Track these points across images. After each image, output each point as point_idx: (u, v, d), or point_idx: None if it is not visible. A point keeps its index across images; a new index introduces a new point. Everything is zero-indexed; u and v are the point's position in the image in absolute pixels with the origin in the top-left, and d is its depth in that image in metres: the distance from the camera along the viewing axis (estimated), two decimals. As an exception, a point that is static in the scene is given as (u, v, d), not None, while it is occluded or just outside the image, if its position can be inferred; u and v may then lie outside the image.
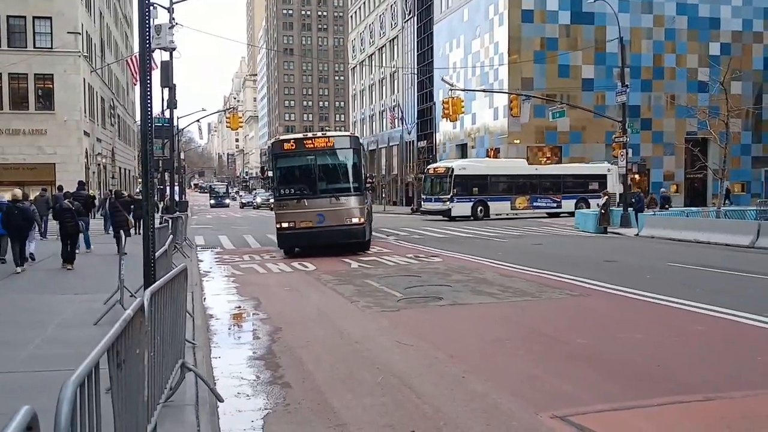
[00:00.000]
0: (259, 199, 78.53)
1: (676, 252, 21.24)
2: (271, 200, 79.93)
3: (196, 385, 6.72)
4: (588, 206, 43.60)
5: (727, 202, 37.90)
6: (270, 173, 26.31)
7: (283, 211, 22.09)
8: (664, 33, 58.88)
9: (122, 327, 3.95)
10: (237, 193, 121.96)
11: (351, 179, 22.73)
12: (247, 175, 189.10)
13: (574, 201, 44.39)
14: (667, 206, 34.26)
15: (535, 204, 44.33)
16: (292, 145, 22.41)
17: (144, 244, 8.25)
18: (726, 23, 60.24)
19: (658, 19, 58.74)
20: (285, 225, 21.85)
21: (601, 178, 45.52)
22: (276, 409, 6.74)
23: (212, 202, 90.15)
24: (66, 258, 16.99)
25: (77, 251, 18.06)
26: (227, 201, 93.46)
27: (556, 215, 44.07)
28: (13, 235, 16.61)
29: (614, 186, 45.70)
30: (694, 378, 7.41)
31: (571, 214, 43.15)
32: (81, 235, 19.03)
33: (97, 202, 37.03)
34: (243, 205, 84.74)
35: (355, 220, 22.02)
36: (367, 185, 31.83)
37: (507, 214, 43.24)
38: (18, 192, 17.66)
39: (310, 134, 23.31)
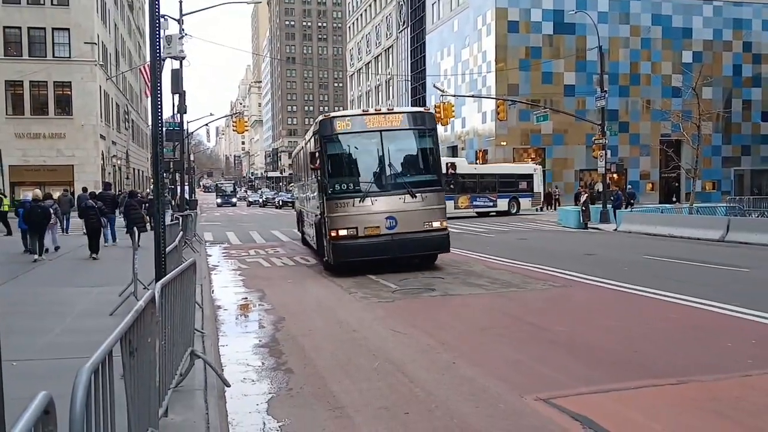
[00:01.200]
0: (264, 197, 78.48)
1: (651, 246, 21.26)
2: (277, 199, 79.08)
3: (205, 371, 6.71)
4: (518, 205, 42.66)
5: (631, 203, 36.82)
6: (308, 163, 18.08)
7: (339, 214, 15.28)
8: (641, 42, 58.84)
9: (134, 317, 3.94)
10: (245, 191, 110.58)
11: (428, 169, 16.43)
12: (252, 175, 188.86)
13: (507, 200, 42.30)
14: (632, 201, 34.20)
15: (474, 203, 41.51)
16: (347, 124, 15.77)
17: (155, 239, 8.24)
18: (698, 33, 60.23)
19: (634, 30, 58.70)
20: (343, 232, 15.22)
21: (529, 178, 43.93)
22: (279, 394, 6.74)
23: (219, 201, 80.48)
24: (93, 248, 18.13)
25: (106, 244, 20.63)
26: (234, 200, 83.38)
27: (486, 214, 41.38)
28: (33, 230, 17.75)
29: (539, 185, 44.95)
30: (667, 363, 7.42)
31: (502, 213, 41.69)
32: (103, 229, 20.33)
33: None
34: (250, 204, 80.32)
35: (436, 225, 15.76)
36: (449, 178, 23.32)
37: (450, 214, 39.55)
38: (38, 192, 19.39)
39: (371, 110, 16.77)
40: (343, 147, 16.04)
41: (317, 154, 15.63)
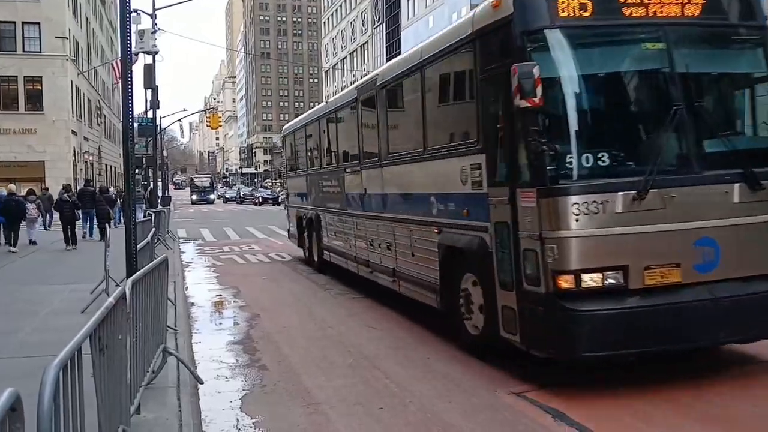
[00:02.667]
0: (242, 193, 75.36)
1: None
2: (257, 195, 69.32)
3: (178, 369, 6.68)
4: None
5: None
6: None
7: (582, 232, 5.86)
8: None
9: (104, 314, 3.90)
10: (221, 187, 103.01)
11: None
12: (227, 171, 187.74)
13: None
14: None
15: None
16: (586, 6, 6.09)
17: (126, 236, 8.17)
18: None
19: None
20: (593, 279, 5.87)
21: None
22: (253, 390, 6.72)
23: (194, 197, 73.50)
24: (68, 240, 19.67)
25: (85, 238, 21.81)
26: (213, 196, 75.89)
27: None
28: (10, 222, 18.84)
29: None
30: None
31: None
32: (82, 223, 22.26)
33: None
34: (226, 200, 76.32)
35: None
36: None
37: None
38: (12, 187, 20.77)
39: None
40: (581, 61, 6.43)
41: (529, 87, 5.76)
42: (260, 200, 64.14)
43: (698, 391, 6.12)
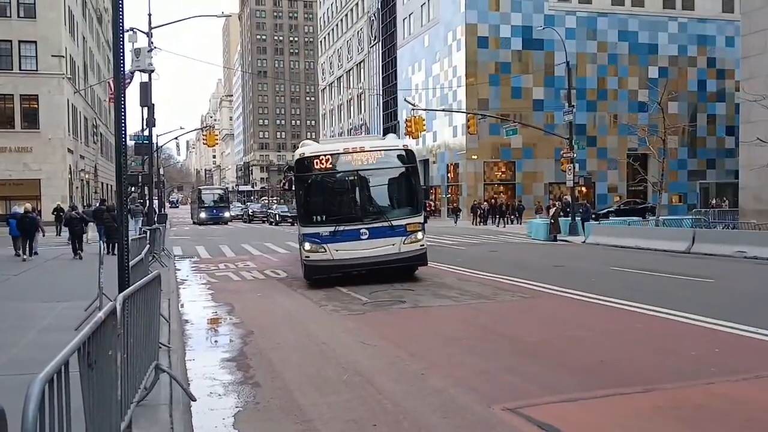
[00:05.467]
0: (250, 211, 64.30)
1: (619, 257, 21.48)
2: (272, 212, 55.39)
3: (170, 386, 6.63)
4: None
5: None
6: None
7: None
8: (608, 58, 59.64)
9: (93, 329, 3.87)
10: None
11: None
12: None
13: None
14: (568, 210, 34.00)
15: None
16: None
17: (118, 252, 8.13)
18: (663, 49, 61.21)
19: (601, 45, 59.55)
20: None
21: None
22: (246, 408, 6.66)
23: (202, 215, 57.16)
24: (75, 251, 22.43)
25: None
26: (227, 215, 59.27)
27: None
28: (24, 236, 21.89)
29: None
30: (633, 372, 7.48)
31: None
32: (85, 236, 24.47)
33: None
34: (232, 218, 63.04)
35: None
36: None
37: None
38: (28, 206, 24.42)
39: None
40: None
41: None
42: (278, 218, 54.39)
43: (702, 398, 6.09)
